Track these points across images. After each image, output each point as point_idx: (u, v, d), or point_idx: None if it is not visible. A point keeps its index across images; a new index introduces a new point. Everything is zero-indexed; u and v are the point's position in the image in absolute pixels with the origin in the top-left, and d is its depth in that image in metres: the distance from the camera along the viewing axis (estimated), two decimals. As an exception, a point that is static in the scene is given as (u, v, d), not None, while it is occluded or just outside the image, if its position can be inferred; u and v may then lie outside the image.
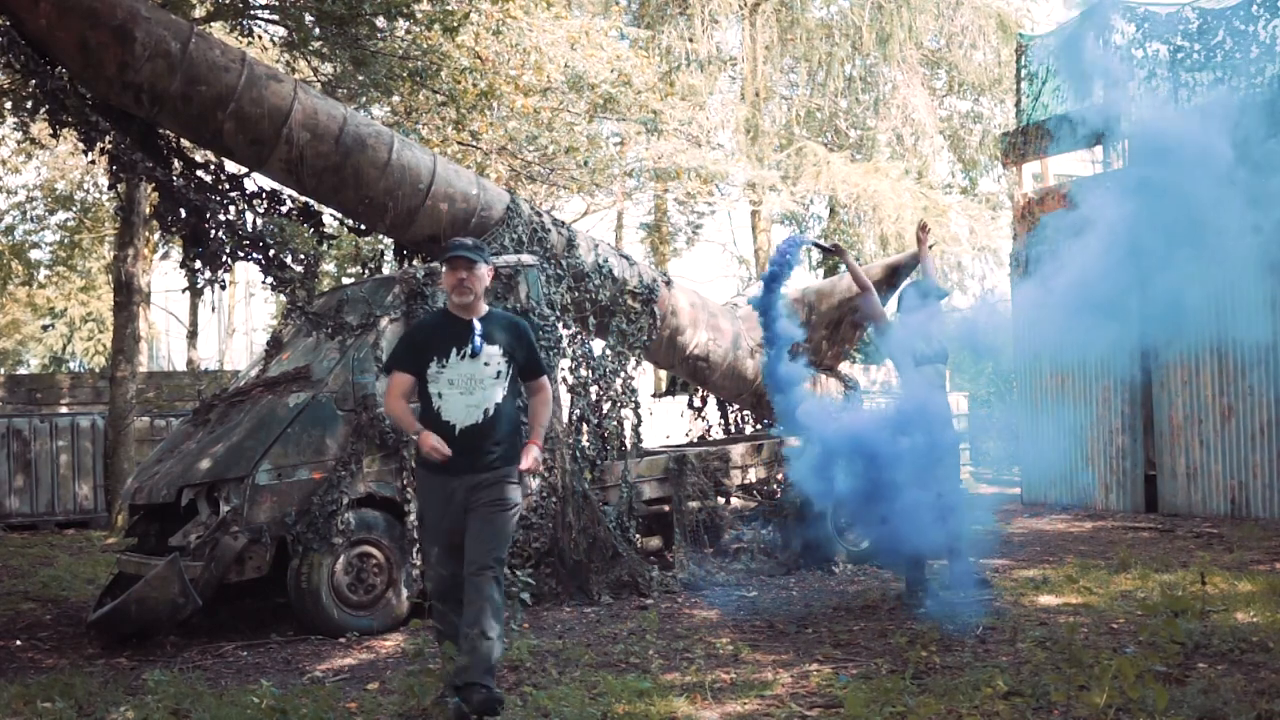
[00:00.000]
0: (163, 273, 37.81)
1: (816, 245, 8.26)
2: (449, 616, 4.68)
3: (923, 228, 7.65)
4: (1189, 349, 10.97)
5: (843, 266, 9.00)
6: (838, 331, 9.63)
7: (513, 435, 4.76)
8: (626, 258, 8.62)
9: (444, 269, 4.71)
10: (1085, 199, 6.71)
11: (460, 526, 4.63)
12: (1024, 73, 13.30)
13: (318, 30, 11.72)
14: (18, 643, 6.79)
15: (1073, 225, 6.38)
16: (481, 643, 4.46)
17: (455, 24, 11.79)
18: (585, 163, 15.88)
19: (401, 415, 4.73)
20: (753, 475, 8.98)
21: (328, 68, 12.59)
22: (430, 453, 4.54)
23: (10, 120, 14.44)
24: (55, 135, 6.87)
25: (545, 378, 4.91)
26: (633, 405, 8.21)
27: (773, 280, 7.25)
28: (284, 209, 7.68)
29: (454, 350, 4.65)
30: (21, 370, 33.13)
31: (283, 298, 7.89)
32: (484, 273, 4.74)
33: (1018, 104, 13.45)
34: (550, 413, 5.05)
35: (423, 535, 4.93)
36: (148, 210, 13.10)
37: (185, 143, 7.43)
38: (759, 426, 10.40)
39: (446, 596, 4.71)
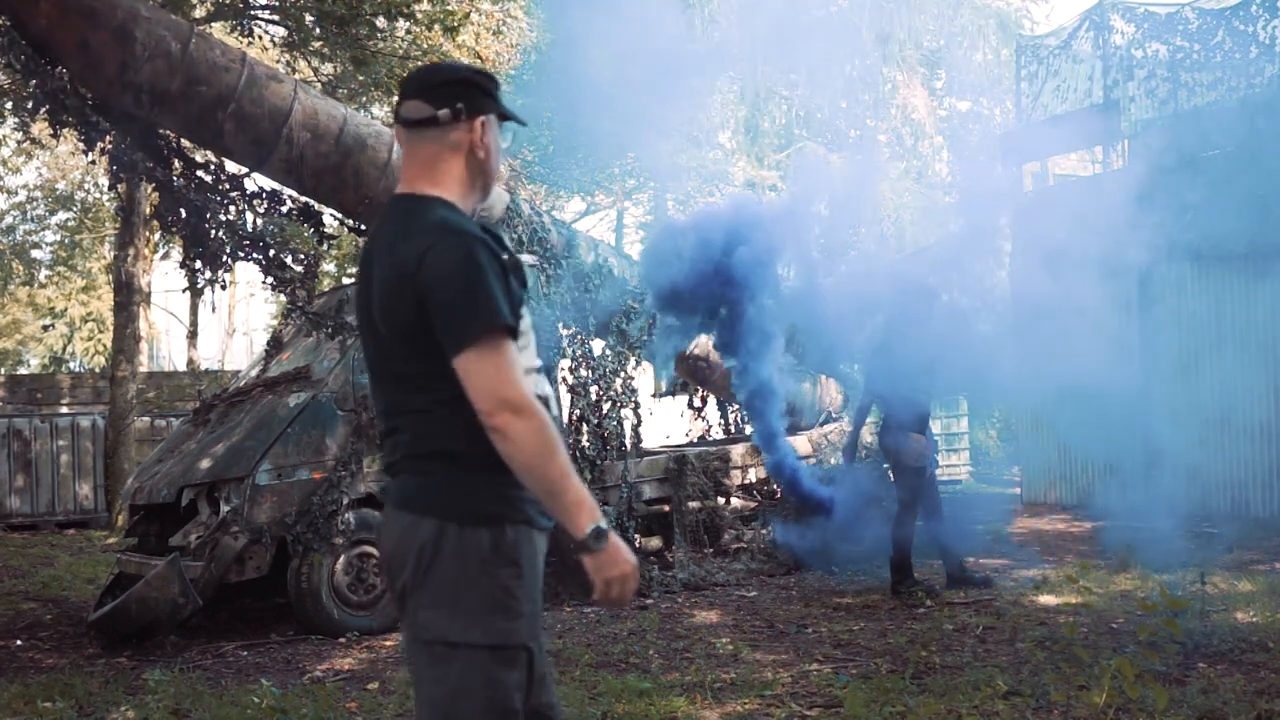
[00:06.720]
0: (163, 273, 37.89)
1: None
2: None
3: None
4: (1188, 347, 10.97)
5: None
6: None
7: None
8: (626, 258, 8.62)
9: (492, 126, 2.29)
10: None
11: None
12: (1024, 73, 13.30)
13: (318, 30, 11.73)
14: (18, 643, 6.79)
15: None
16: None
17: (455, 24, 11.81)
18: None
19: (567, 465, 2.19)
20: (753, 475, 8.98)
21: (328, 68, 12.60)
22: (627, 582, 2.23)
23: (10, 120, 14.45)
24: (55, 135, 6.86)
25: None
26: (633, 405, 8.21)
27: None
28: (284, 209, 7.67)
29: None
30: (22, 370, 33.12)
31: (283, 298, 7.89)
32: None
33: (1017, 104, 13.45)
34: None
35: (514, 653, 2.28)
36: (148, 210, 13.10)
37: (185, 143, 7.42)
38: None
39: None
